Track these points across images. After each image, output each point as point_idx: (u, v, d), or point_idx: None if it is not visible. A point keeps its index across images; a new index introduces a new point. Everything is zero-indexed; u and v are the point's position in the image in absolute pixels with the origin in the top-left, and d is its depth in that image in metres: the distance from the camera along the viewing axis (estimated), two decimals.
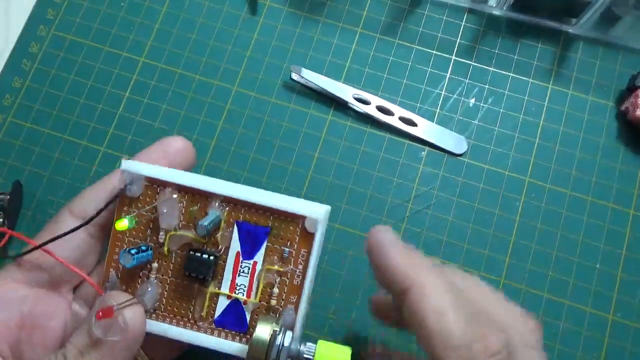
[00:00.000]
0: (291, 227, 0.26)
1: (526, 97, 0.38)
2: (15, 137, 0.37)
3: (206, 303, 0.26)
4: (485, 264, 0.35)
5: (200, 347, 0.26)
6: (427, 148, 0.37)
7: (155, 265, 0.26)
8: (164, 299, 0.26)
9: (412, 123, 0.37)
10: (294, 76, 0.38)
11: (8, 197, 0.35)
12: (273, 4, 0.40)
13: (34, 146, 0.37)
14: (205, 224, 0.25)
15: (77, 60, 0.39)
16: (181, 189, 0.26)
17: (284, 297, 0.26)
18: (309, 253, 0.26)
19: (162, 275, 0.26)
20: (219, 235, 0.26)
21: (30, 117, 0.38)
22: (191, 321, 0.26)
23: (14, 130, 0.37)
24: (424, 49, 0.39)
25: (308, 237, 0.26)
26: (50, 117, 0.38)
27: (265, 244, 0.26)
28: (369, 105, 0.37)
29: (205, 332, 0.26)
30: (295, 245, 0.26)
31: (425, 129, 0.37)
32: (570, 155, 0.37)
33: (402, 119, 0.37)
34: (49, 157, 0.37)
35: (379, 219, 0.35)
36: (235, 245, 0.26)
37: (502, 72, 0.38)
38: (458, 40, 0.39)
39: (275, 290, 0.26)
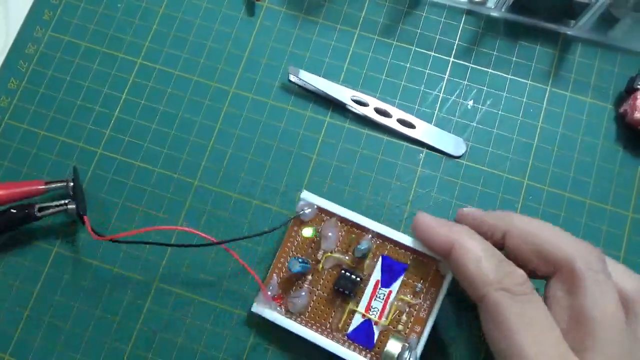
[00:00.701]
0: (426, 268, 0.31)
1: (524, 99, 0.38)
2: (12, 139, 0.37)
3: (344, 317, 0.31)
4: None
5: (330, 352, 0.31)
6: (425, 150, 0.37)
7: (310, 277, 0.32)
8: (309, 307, 0.32)
9: (410, 125, 0.37)
10: (292, 78, 0.37)
11: (72, 183, 0.34)
12: (270, 5, 0.39)
13: (30, 148, 0.37)
14: (363, 247, 0.31)
15: (73, 61, 0.38)
16: (343, 221, 0.32)
17: (409, 325, 0.31)
18: (437, 292, 0.31)
19: (313, 287, 0.32)
20: (365, 262, 0.32)
21: (27, 119, 0.37)
22: (328, 330, 0.31)
23: (10, 132, 0.37)
24: (422, 51, 0.38)
25: (439, 278, 0.31)
26: (47, 118, 0.37)
27: (401, 277, 0.31)
28: (367, 107, 0.37)
29: (338, 342, 0.31)
30: (427, 283, 0.31)
31: (423, 131, 0.37)
32: (568, 158, 0.36)
33: (400, 121, 0.37)
34: (46, 159, 0.37)
35: (378, 221, 0.35)
36: (377, 274, 0.31)
37: (501, 73, 0.38)
38: (456, 42, 0.39)
39: (404, 318, 0.31)
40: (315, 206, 0.32)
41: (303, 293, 0.31)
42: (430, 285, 0.31)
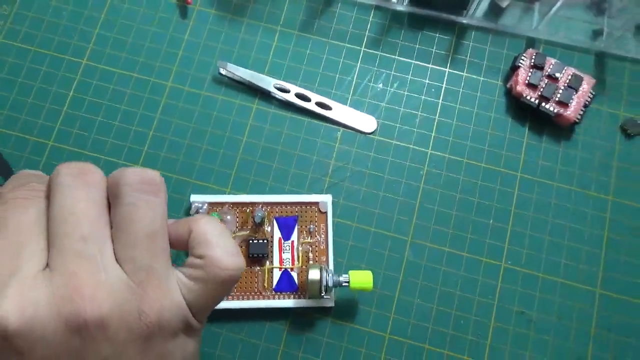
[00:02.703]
0: (311, 212, 0.39)
1: (427, 81, 0.43)
2: None
3: (266, 277, 0.37)
4: (395, 226, 0.40)
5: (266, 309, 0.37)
6: (341, 129, 0.42)
7: None
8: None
9: (327, 107, 0.42)
10: (222, 71, 0.42)
11: None
12: (201, 8, 0.44)
13: None
14: (260, 214, 0.37)
15: (24, 65, 0.43)
16: (234, 205, 0.38)
17: (317, 259, 0.38)
18: (326, 226, 0.38)
19: None
20: (264, 229, 0.38)
21: None
22: (257, 293, 0.37)
23: None
24: (337, 42, 0.44)
25: (323, 215, 0.39)
26: (1, 117, 0.41)
27: (296, 227, 0.38)
28: (289, 94, 0.42)
29: (269, 298, 0.37)
30: (316, 222, 0.38)
31: (339, 112, 0.42)
32: (465, 129, 0.42)
33: (318, 104, 0.42)
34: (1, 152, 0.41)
35: (301, 191, 0.40)
36: (277, 233, 0.38)
37: (406, 59, 0.43)
38: (367, 34, 0.44)
39: (310, 255, 0.38)
40: (207, 203, 0.38)
41: None
42: (319, 223, 0.38)
